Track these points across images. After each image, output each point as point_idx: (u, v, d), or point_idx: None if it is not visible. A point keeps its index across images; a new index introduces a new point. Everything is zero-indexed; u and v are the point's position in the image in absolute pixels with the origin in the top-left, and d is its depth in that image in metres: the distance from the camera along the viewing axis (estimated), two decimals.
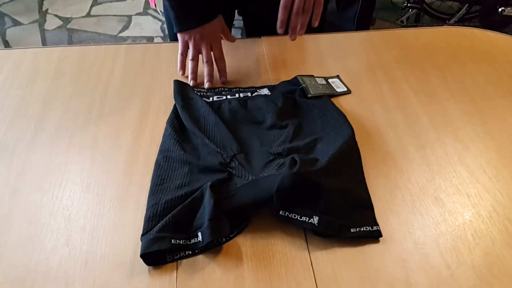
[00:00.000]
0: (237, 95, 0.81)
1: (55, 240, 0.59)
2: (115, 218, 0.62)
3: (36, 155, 0.71)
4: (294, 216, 0.58)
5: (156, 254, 0.56)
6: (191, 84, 0.83)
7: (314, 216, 0.58)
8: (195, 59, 0.85)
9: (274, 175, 0.61)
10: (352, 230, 0.59)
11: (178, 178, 0.64)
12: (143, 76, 0.88)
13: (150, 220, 0.59)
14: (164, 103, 0.80)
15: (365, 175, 0.67)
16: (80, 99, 0.82)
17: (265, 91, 0.82)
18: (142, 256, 0.55)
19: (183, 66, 0.87)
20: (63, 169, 0.69)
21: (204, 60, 0.84)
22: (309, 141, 0.70)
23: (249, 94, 0.81)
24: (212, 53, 0.85)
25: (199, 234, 0.57)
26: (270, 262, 0.57)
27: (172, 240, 0.56)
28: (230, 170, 0.64)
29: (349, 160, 0.67)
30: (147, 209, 0.61)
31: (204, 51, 0.84)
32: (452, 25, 2.10)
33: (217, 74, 0.86)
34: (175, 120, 0.74)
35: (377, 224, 0.60)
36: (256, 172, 0.64)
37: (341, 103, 0.81)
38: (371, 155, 0.71)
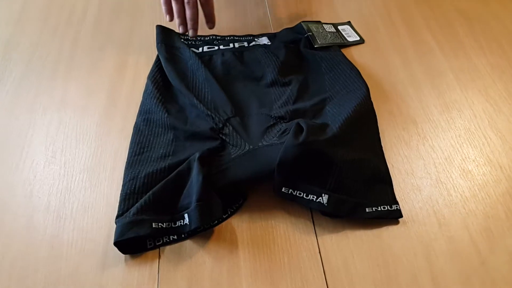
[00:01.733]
0: (231, 45, 0.69)
1: (14, 221, 0.50)
2: (86, 194, 0.52)
3: None
4: (299, 193, 0.49)
5: (134, 240, 0.47)
6: (180, 31, 0.71)
7: (323, 194, 0.49)
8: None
9: (276, 144, 0.51)
10: (367, 210, 0.49)
11: (161, 146, 0.54)
12: (121, 21, 0.75)
13: (127, 199, 0.49)
14: (145, 54, 0.69)
15: (382, 143, 0.57)
16: (47, 48, 0.70)
17: (264, 41, 0.70)
18: (116, 243, 0.46)
19: (170, 10, 0.73)
20: (25, 133, 0.58)
21: (185, 1, 0.71)
22: (317, 101, 0.59)
23: (245, 43, 0.69)
24: None
25: (186, 215, 0.47)
26: (271, 249, 0.48)
27: (153, 224, 0.46)
28: (223, 137, 0.54)
29: (364, 126, 0.56)
30: (123, 185, 0.51)
31: None
32: None
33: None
34: (158, 75, 0.63)
35: (396, 203, 0.51)
36: (254, 140, 0.54)
37: (353, 54, 0.69)
38: (389, 118, 0.60)
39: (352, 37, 0.72)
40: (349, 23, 0.75)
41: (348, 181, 0.50)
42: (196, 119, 0.57)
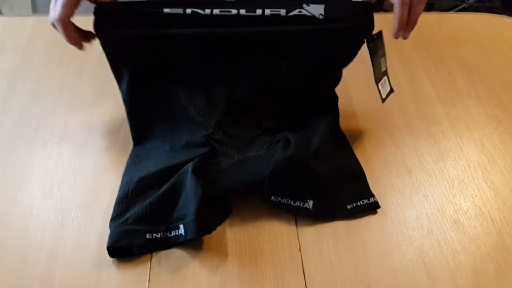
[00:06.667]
0: (259, 11, 0.53)
1: (7, 256, 0.50)
2: (79, 231, 0.52)
3: None
4: (287, 201, 0.54)
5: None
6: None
7: (308, 200, 0.53)
8: None
9: (265, 156, 0.56)
10: (348, 207, 0.55)
11: (157, 156, 0.58)
12: None
13: (120, 203, 0.52)
14: None
15: (377, 188, 0.58)
16: (51, 80, 0.72)
17: (316, 10, 0.55)
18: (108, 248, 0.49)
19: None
20: (24, 166, 0.59)
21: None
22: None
23: (282, 11, 0.54)
24: None
25: (181, 226, 0.49)
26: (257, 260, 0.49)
27: (147, 235, 0.49)
28: (214, 143, 0.57)
29: (338, 135, 0.63)
30: (119, 189, 0.54)
31: None
32: (471, 4, 1.94)
33: None
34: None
35: (373, 195, 0.56)
36: (242, 149, 0.58)
37: (351, 97, 0.70)
38: (384, 165, 0.61)
39: None
40: None
41: (330, 186, 0.56)
42: (189, 130, 0.59)
